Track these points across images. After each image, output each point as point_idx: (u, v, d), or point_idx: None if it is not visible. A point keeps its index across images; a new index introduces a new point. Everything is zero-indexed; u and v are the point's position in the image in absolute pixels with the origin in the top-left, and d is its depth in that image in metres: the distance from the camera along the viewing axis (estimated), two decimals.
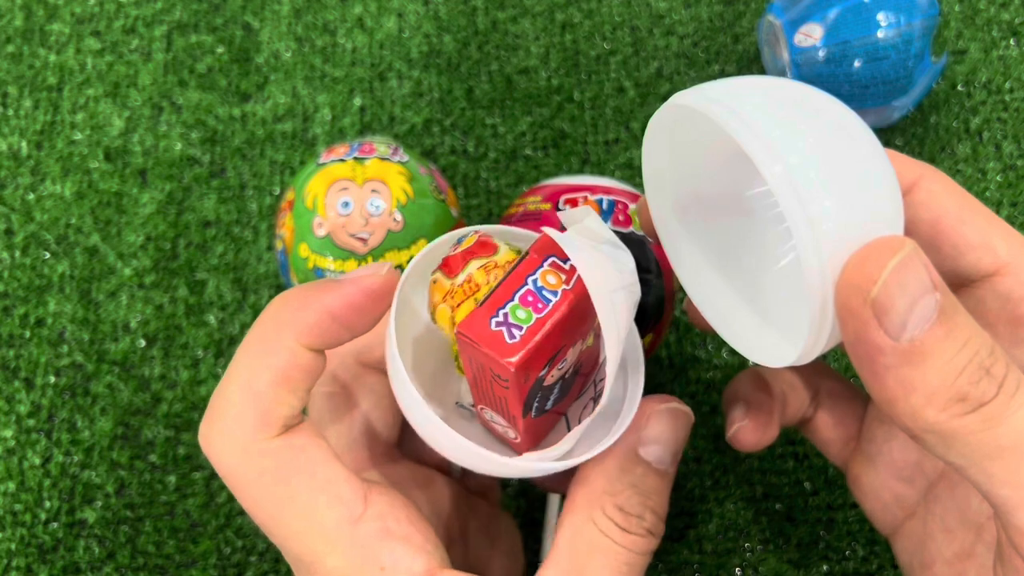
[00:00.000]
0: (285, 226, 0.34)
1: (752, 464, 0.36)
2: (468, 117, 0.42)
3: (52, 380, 0.38)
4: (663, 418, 0.24)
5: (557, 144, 0.42)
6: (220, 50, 0.44)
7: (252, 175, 0.41)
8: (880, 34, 0.35)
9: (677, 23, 0.44)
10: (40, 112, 0.43)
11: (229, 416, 0.21)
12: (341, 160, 0.34)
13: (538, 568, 0.22)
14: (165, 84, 0.43)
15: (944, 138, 0.41)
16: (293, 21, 0.44)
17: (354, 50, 0.44)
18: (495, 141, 0.42)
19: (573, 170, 0.41)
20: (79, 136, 0.42)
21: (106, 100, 0.43)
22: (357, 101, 0.43)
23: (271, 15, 0.44)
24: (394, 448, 0.27)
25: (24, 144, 0.42)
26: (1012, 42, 0.43)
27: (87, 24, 0.44)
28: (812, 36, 0.36)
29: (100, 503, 0.36)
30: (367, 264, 0.24)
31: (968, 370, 0.18)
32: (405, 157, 0.34)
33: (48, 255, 0.40)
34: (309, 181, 0.33)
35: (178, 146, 0.42)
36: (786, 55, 0.37)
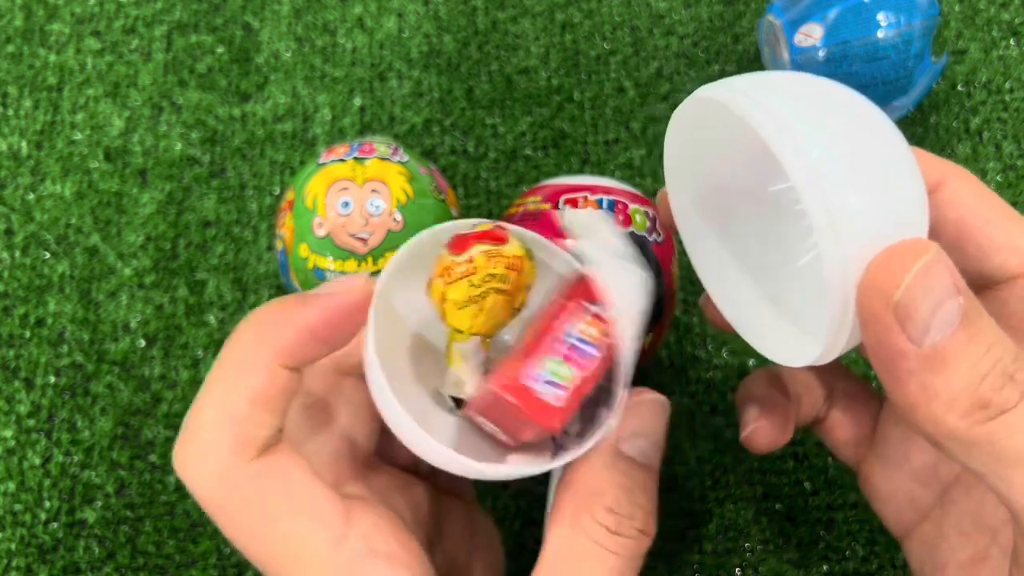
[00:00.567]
0: (285, 226, 0.34)
1: (752, 464, 0.36)
2: (468, 117, 0.42)
3: (52, 380, 0.38)
4: (641, 411, 0.23)
5: (557, 144, 0.42)
6: (220, 50, 0.44)
7: (252, 175, 0.41)
8: (880, 34, 0.35)
9: (677, 23, 0.44)
10: (40, 112, 0.43)
11: (205, 440, 0.20)
12: (341, 160, 0.34)
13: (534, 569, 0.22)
14: (165, 84, 0.43)
15: (944, 138, 0.41)
16: (293, 21, 0.44)
17: (354, 50, 0.44)
18: (495, 141, 0.42)
19: (573, 170, 0.41)
20: (79, 136, 0.42)
21: (106, 100, 0.43)
22: (357, 101, 0.43)
23: (271, 15, 0.44)
24: (373, 456, 0.26)
25: (24, 144, 0.42)
26: (1012, 42, 0.43)
27: (87, 24, 0.44)
28: (812, 36, 0.36)
29: (100, 503, 0.36)
30: (350, 274, 0.23)
31: (991, 376, 0.18)
32: (405, 157, 0.34)
33: (48, 255, 0.40)
34: (309, 181, 0.33)
35: (178, 146, 0.42)
36: (786, 55, 0.37)
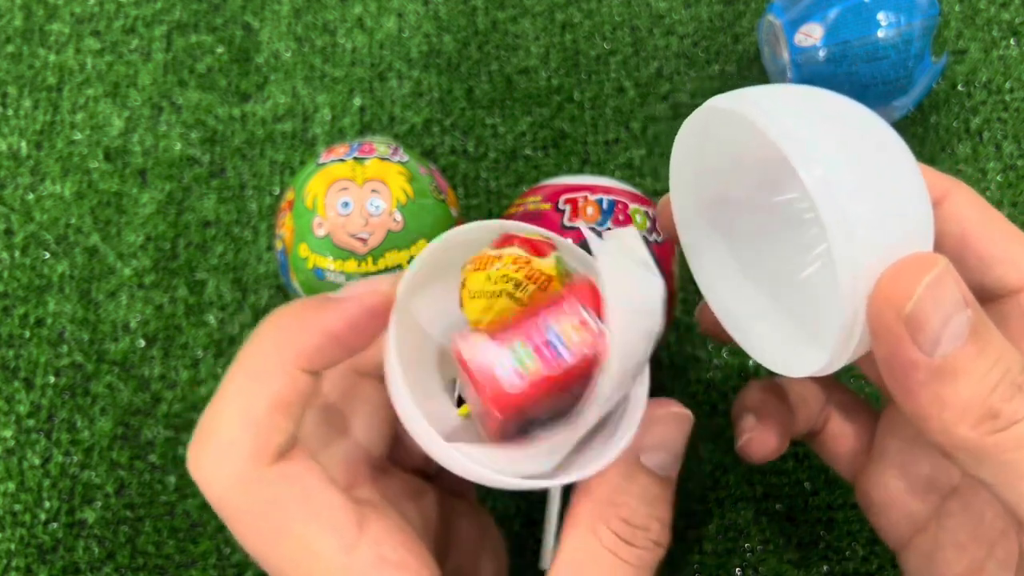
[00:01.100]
0: (285, 226, 0.34)
1: (752, 464, 0.36)
2: (468, 117, 0.42)
3: (52, 380, 0.38)
4: (664, 424, 0.23)
5: (557, 144, 0.42)
6: (220, 50, 0.44)
7: (252, 175, 0.41)
8: (880, 34, 0.35)
9: (677, 23, 0.44)
10: (40, 112, 0.43)
11: (223, 443, 0.20)
12: (341, 160, 0.34)
13: (538, 568, 0.22)
14: (165, 84, 0.43)
15: (944, 138, 0.41)
16: (293, 21, 0.44)
17: (354, 50, 0.44)
18: (495, 141, 0.42)
19: (573, 170, 0.41)
20: (79, 136, 0.42)
21: (106, 100, 0.43)
22: (357, 101, 0.43)
23: (271, 15, 0.44)
24: (386, 459, 0.27)
25: (24, 144, 0.42)
26: (1012, 42, 0.43)
27: (87, 24, 0.44)
28: (812, 36, 0.36)
29: (100, 503, 0.36)
30: (366, 278, 0.23)
31: (1001, 387, 0.18)
32: (405, 157, 0.34)
33: (48, 255, 0.40)
34: (309, 181, 0.33)
35: (178, 146, 0.42)
36: (786, 55, 0.37)
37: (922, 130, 0.41)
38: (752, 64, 0.43)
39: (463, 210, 0.40)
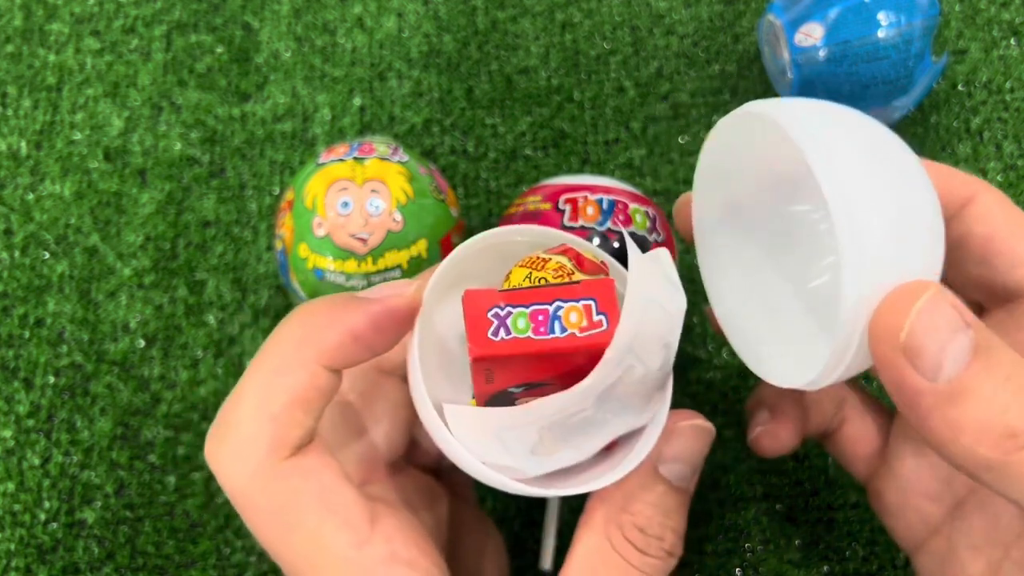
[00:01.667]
0: (284, 226, 0.34)
1: (752, 464, 0.36)
2: (468, 117, 0.42)
3: (51, 380, 0.38)
4: (686, 435, 0.23)
5: (557, 144, 0.42)
6: (220, 50, 0.44)
7: (252, 175, 0.41)
8: (880, 34, 0.35)
9: (677, 23, 0.44)
10: (39, 112, 0.43)
11: (242, 436, 0.21)
12: (341, 160, 0.34)
13: (538, 568, 0.22)
14: (165, 84, 0.43)
15: (944, 138, 0.41)
16: (293, 21, 0.44)
17: (354, 50, 0.44)
18: (495, 141, 0.42)
19: (573, 170, 0.41)
20: (78, 136, 0.42)
21: (106, 100, 0.43)
22: (357, 101, 0.43)
23: (271, 15, 0.44)
24: (402, 458, 0.27)
25: (23, 144, 0.42)
26: (1012, 42, 0.43)
27: (86, 24, 0.44)
28: (812, 36, 0.36)
29: (100, 503, 0.36)
30: (393, 281, 0.23)
31: (1015, 404, 0.18)
32: (405, 157, 0.34)
33: (47, 255, 0.40)
34: (309, 181, 0.33)
35: (178, 146, 0.42)
36: (786, 55, 0.37)
37: (922, 130, 0.41)
38: (752, 64, 0.43)
39: (463, 210, 0.40)
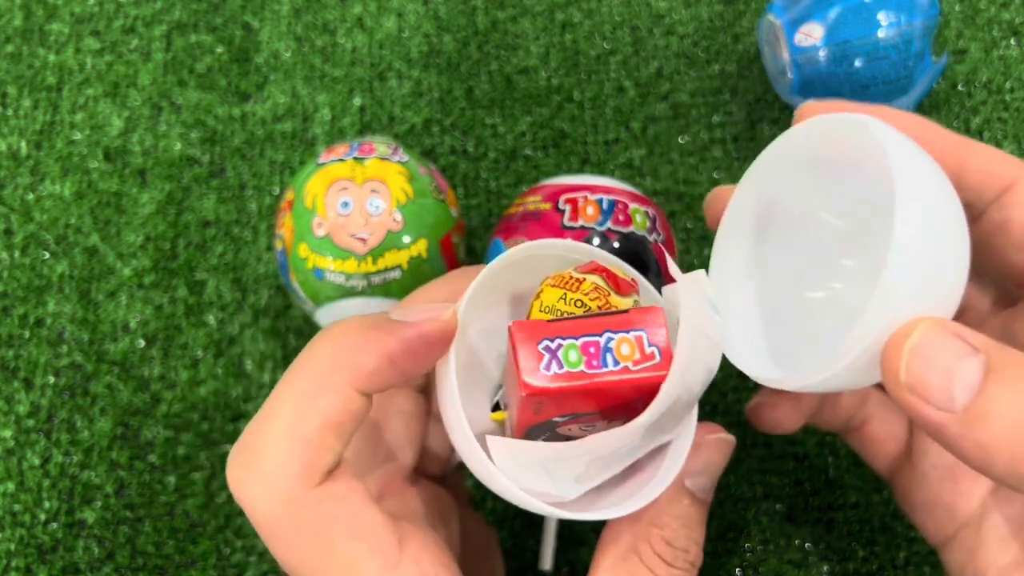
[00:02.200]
0: (284, 226, 0.34)
1: (752, 464, 0.36)
2: (468, 117, 0.42)
3: (51, 380, 0.38)
4: (712, 448, 0.24)
5: (557, 144, 0.42)
6: (220, 50, 0.44)
7: (252, 175, 0.41)
8: (881, 34, 0.35)
9: (677, 23, 0.44)
10: (40, 112, 0.43)
11: (271, 462, 0.20)
12: (341, 160, 0.34)
13: (537, 567, 0.22)
14: (165, 84, 0.43)
15: None
16: (293, 21, 0.44)
17: (354, 50, 0.44)
18: (495, 141, 0.42)
19: (573, 170, 0.41)
20: (79, 136, 0.42)
21: (106, 100, 0.43)
22: (357, 101, 0.43)
23: (271, 15, 0.44)
24: (412, 470, 0.27)
25: (23, 144, 0.42)
26: (1012, 42, 0.43)
27: (86, 24, 0.44)
28: (812, 36, 0.36)
29: (100, 503, 0.36)
30: (429, 304, 0.23)
31: None
32: (405, 157, 0.34)
33: (48, 255, 0.40)
34: (308, 181, 0.33)
35: (178, 146, 0.42)
36: (786, 55, 0.37)
37: None
38: (752, 64, 0.43)
39: (463, 210, 0.40)
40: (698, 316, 0.21)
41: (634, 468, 0.23)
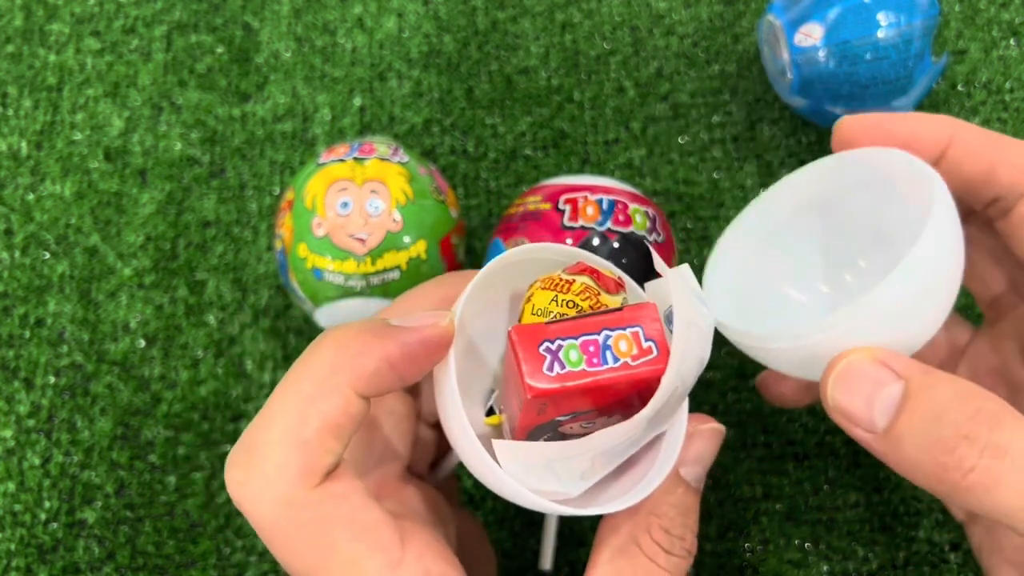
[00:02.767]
0: (284, 226, 0.34)
1: (752, 464, 0.36)
2: (468, 117, 0.42)
3: (52, 380, 0.38)
4: (704, 438, 0.24)
5: (557, 144, 0.42)
6: (220, 50, 0.44)
7: (252, 175, 0.41)
8: (880, 34, 0.35)
9: (677, 23, 0.44)
10: (40, 112, 0.43)
11: (271, 464, 0.20)
12: (341, 160, 0.34)
13: (537, 567, 0.22)
14: (165, 84, 0.43)
15: None
16: (293, 21, 0.44)
17: (354, 50, 0.44)
18: (495, 141, 0.42)
19: (573, 170, 0.41)
20: (79, 136, 0.42)
21: (106, 100, 0.43)
22: (357, 101, 0.43)
23: (271, 15, 0.44)
24: (406, 469, 0.27)
25: (24, 144, 0.42)
26: (1012, 42, 0.42)
27: (87, 24, 0.44)
28: (812, 36, 0.36)
29: (100, 503, 0.36)
30: (428, 312, 0.23)
31: (943, 441, 0.20)
32: (405, 157, 0.34)
33: (48, 255, 0.40)
34: (308, 181, 0.33)
35: (178, 146, 0.42)
36: (786, 55, 0.37)
37: None
38: (752, 64, 0.43)
39: (463, 210, 0.40)
40: (688, 309, 0.21)
41: (628, 461, 0.23)
